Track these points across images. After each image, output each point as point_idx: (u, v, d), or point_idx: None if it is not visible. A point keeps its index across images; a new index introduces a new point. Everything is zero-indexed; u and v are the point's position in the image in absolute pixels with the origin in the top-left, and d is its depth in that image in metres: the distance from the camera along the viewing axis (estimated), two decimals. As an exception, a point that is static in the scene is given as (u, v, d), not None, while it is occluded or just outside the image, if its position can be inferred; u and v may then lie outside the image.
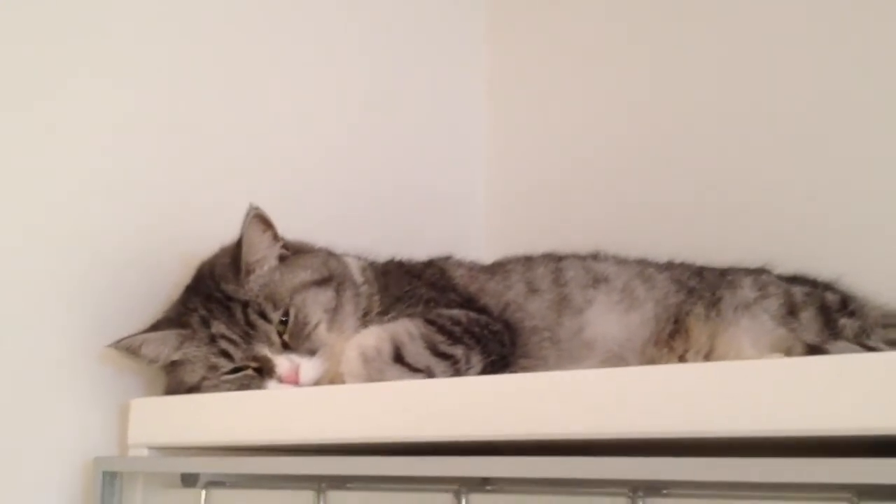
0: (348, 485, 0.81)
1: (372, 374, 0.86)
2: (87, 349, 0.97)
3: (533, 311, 1.00)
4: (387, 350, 0.87)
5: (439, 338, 0.90)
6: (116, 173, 1.03)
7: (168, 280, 1.04)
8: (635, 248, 1.11)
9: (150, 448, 0.93)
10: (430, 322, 0.92)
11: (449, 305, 0.98)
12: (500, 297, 1.02)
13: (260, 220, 0.93)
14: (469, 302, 1.01)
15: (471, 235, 1.41)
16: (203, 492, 0.89)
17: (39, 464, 0.93)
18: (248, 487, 0.89)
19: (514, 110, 1.48)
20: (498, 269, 1.08)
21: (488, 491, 0.73)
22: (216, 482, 0.90)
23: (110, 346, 0.93)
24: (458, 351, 0.91)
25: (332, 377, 0.91)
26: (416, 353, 0.88)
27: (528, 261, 1.09)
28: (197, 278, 0.98)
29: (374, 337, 0.89)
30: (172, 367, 0.94)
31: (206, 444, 0.90)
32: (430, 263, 1.08)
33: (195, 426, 0.90)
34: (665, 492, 0.63)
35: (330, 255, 1.00)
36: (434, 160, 1.41)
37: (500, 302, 1.01)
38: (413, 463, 0.73)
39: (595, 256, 1.09)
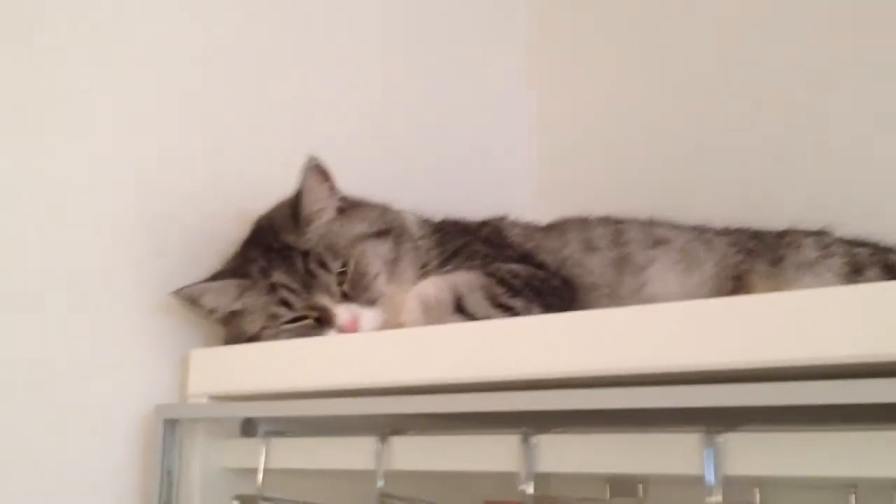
0: (410, 431, 0.81)
1: (431, 323, 0.86)
2: (150, 302, 0.98)
3: (592, 267, 1.00)
4: (447, 299, 0.87)
5: (499, 290, 0.90)
6: (181, 135, 1.03)
7: (228, 237, 1.04)
8: (681, 207, 1.11)
9: (211, 397, 0.93)
10: (490, 274, 0.92)
11: (506, 261, 0.98)
12: (557, 253, 1.02)
13: (318, 170, 0.93)
14: (525, 258, 1.00)
15: (519, 198, 1.40)
16: (264, 441, 0.90)
17: (104, 412, 0.93)
18: (309, 435, 0.89)
19: (558, 70, 1.47)
20: (554, 228, 1.07)
21: (559, 432, 0.72)
22: (276, 431, 0.90)
23: (172, 294, 0.93)
24: (517, 303, 0.90)
25: (390, 328, 0.91)
26: (476, 303, 0.88)
27: (584, 221, 1.09)
28: (256, 231, 0.98)
29: (435, 286, 0.89)
30: (232, 317, 0.95)
31: (265, 392, 0.90)
32: (485, 222, 1.08)
33: (254, 374, 0.90)
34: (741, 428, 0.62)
35: (387, 208, 1.00)
36: (481, 122, 1.41)
37: (558, 258, 1.01)
38: (482, 400, 0.72)
39: (652, 221, 1.09)
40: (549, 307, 0.92)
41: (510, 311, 0.89)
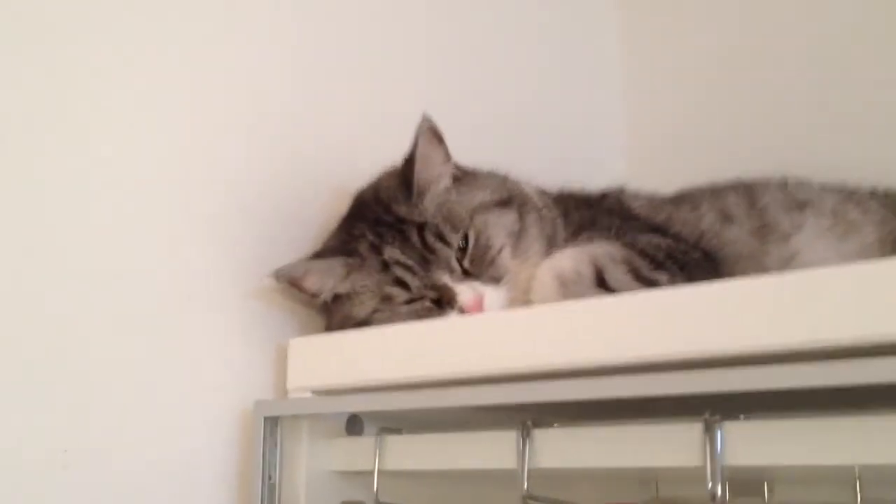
0: (556, 423, 0.70)
1: (569, 299, 0.75)
2: (241, 288, 0.88)
3: (733, 238, 0.89)
4: (587, 273, 0.76)
5: (641, 262, 0.79)
6: (264, 108, 0.93)
7: (319, 216, 0.94)
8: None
9: (314, 392, 0.83)
10: (629, 245, 0.81)
11: (638, 234, 0.87)
12: (693, 225, 0.91)
13: (433, 133, 0.83)
14: (658, 230, 0.89)
15: (610, 167, 1.30)
16: (376, 439, 0.79)
17: (195, 409, 0.83)
18: (428, 431, 0.78)
19: (648, 43, 1.38)
20: (684, 199, 0.96)
21: (744, 419, 0.61)
22: (390, 428, 0.80)
23: (271, 274, 0.83)
24: (662, 277, 0.79)
25: (517, 307, 0.80)
26: (619, 277, 0.77)
27: (714, 190, 0.97)
28: (358, 205, 0.88)
29: (572, 259, 0.78)
30: (336, 301, 0.84)
31: (376, 384, 0.79)
32: (604, 195, 0.97)
33: (364, 364, 0.79)
34: None
35: (507, 177, 0.89)
36: (572, 93, 1.32)
37: (696, 230, 0.90)
38: (654, 382, 0.61)
39: (786, 182, 0.97)
40: (694, 281, 0.81)
41: (654, 285, 0.78)
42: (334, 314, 0.85)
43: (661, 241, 0.84)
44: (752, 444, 0.60)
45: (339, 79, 1.01)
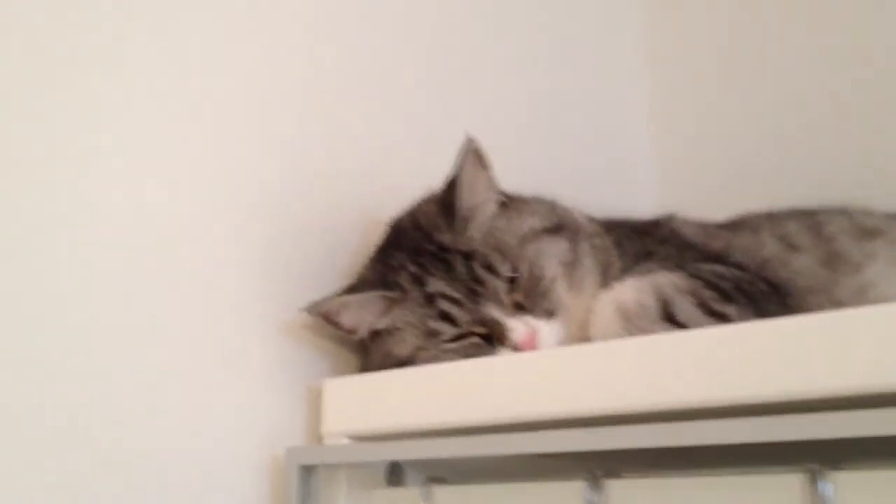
0: (625, 473, 0.63)
1: (632, 334, 0.69)
2: (263, 324, 0.81)
3: (800, 268, 0.82)
4: (653, 305, 0.70)
5: (709, 293, 0.73)
6: (294, 134, 0.88)
7: (349, 248, 0.88)
8: (800, 196, 0.95)
9: (351, 437, 0.76)
10: (694, 276, 0.74)
11: (696, 263, 0.80)
12: (755, 253, 0.84)
13: (478, 155, 0.77)
14: (718, 259, 0.83)
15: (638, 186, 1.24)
16: (421, 491, 0.72)
17: (219, 456, 0.76)
18: (480, 482, 0.71)
19: (675, 61, 1.32)
20: (741, 226, 0.90)
21: (851, 468, 0.54)
22: (437, 477, 0.73)
23: (305, 308, 0.76)
24: (731, 310, 0.73)
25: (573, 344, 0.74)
26: (687, 310, 0.71)
27: (772, 217, 0.91)
28: (395, 234, 0.82)
29: (635, 290, 0.71)
30: (375, 338, 0.78)
31: (422, 429, 0.72)
32: (655, 222, 0.91)
33: (408, 407, 0.72)
34: None
35: (555, 203, 0.83)
36: (598, 110, 1.26)
37: (758, 258, 0.83)
38: (750, 427, 0.54)
39: (845, 209, 0.91)
40: (764, 315, 0.74)
41: (723, 319, 0.72)
42: (372, 353, 0.78)
43: (726, 270, 0.77)
44: (862, 497, 0.53)
45: (374, 103, 0.96)
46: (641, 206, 1.10)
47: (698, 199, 1.04)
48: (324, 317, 0.77)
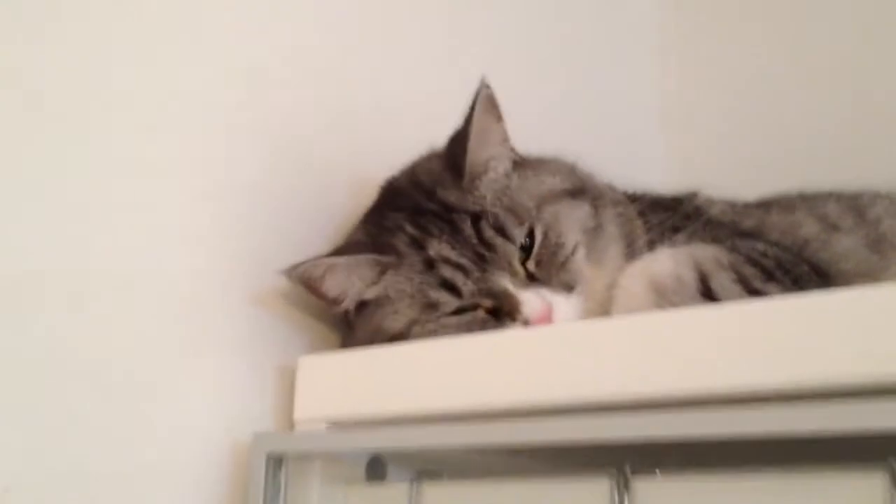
0: (658, 468, 0.53)
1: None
2: (231, 292, 0.70)
3: (844, 251, 0.74)
4: (691, 279, 0.60)
5: (750, 270, 0.64)
6: (279, 82, 0.77)
7: (339, 210, 0.77)
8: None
9: (329, 423, 0.65)
10: (734, 250, 0.65)
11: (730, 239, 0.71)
12: (793, 234, 0.75)
13: (492, 102, 0.66)
14: (750, 237, 0.74)
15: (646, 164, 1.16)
16: (410, 487, 0.62)
17: (169, 446, 0.65)
18: (479, 478, 0.61)
19: (687, 36, 1.25)
20: (774, 204, 0.81)
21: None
22: (430, 471, 0.62)
23: (282, 272, 0.66)
24: (774, 289, 0.64)
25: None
26: (727, 286, 0.61)
27: (806, 197, 0.83)
28: (390, 193, 0.71)
29: (671, 261, 0.62)
30: (362, 310, 0.67)
31: (414, 416, 0.61)
32: (677, 198, 0.81)
33: (398, 389, 0.62)
34: None
35: (576, 164, 0.73)
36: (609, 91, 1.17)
37: (797, 238, 0.74)
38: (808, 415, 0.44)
39: (880, 193, 0.83)
40: (809, 296, 0.65)
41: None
42: (358, 327, 0.68)
43: (766, 247, 0.68)
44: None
45: (374, 56, 0.86)
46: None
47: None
48: (305, 283, 0.67)
